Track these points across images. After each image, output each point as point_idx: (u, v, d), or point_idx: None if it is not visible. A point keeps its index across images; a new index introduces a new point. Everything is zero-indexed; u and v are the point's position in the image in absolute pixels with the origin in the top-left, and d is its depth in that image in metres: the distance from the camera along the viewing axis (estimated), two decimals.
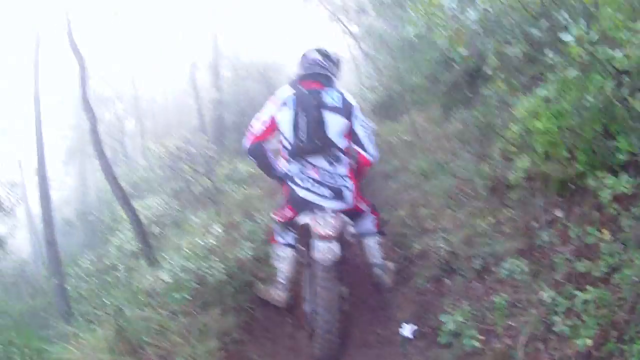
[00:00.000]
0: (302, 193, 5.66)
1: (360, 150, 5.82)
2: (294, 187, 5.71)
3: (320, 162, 5.63)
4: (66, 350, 5.09)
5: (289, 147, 5.65)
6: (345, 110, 5.70)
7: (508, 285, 4.88)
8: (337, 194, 5.66)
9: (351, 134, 5.79)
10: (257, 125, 5.82)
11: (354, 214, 5.85)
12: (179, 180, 10.96)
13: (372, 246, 6.13)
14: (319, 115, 5.55)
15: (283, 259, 5.99)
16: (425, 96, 9.27)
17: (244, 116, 15.61)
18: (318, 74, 5.85)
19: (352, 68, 14.43)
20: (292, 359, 5.76)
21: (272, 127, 5.76)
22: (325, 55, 5.98)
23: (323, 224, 5.25)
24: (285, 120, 5.64)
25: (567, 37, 3.59)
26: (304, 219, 5.46)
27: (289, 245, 6.01)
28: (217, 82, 16.88)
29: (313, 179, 5.63)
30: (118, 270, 6.56)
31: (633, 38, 3.28)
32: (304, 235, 5.47)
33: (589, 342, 3.53)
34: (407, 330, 5.55)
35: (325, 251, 5.15)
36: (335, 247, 5.18)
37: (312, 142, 5.52)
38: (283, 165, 5.91)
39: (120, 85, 25.92)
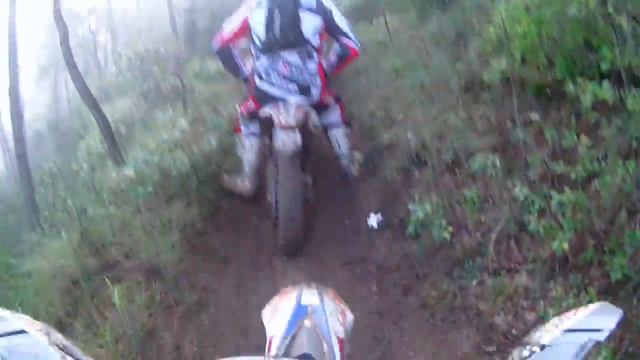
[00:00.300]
0: (267, 87, 5.63)
1: (347, 40, 5.75)
2: (259, 81, 5.65)
3: (293, 57, 5.56)
4: (32, 260, 5.07)
5: (260, 43, 5.55)
6: (321, 10, 5.59)
7: (479, 180, 4.89)
8: (304, 90, 5.63)
9: (334, 28, 5.70)
10: (227, 27, 5.75)
11: (319, 107, 5.80)
12: (149, 81, 10.73)
13: (338, 137, 6.10)
14: (294, 12, 5.46)
15: (248, 148, 5.96)
16: (402, 2, 9.10)
17: (216, 19, 15.26)
18: None
19: None
20: (256, 248, 5.81)
21: (243, 29, 5.66)
22: None
23: (285, 114, 5.24)
24: (259, 19, 5.52)
25: None
26: (266, 110, 5.41)
27: (253, 134, 5.97)
28: None
29: (281, 74, 5.58)
30: (84, 172, 6.42)
31: None
32: (267, 126, 5.43)
33: (565, 245, 3.55)
34: (373, 220, 5.61)
35: (286, 141, 5.16)
36: (296, 136, 5.19)
37: (286, 37, 5.46)
38: (250, 64, 5.85)
39: (93, 1, 25.33)
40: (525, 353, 1.33)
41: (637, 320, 3.14)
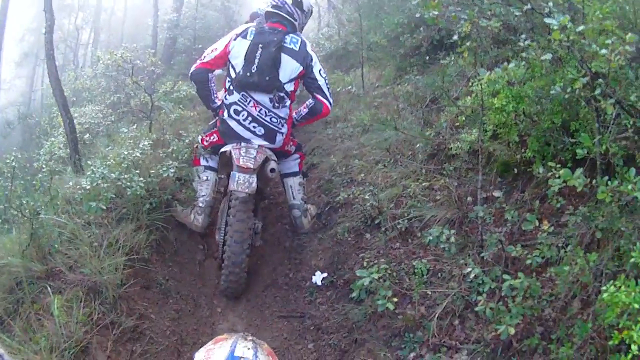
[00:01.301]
0: (234, 125, 5.60)
1: (322, 98, 5.77)
2: (227, 116, 5.62)
3: (265, 99, 5.56)
4: None
5: (235, 76, 5.52)
6: (302, 57, 5.60)
7: (431, 253, 4.86)
8: (270, 135, 5.64)
9: (310, 82, 5.74)
10: (209, 53, 5.72)
11: (279, 153, 5.80)
12: (120, 92, 10.70)
13: (294, 186, 6.09)
14: (277, 53, 5.47)
15: (204, 182, 5.92)
16: (383, 55, 9.13)
17: (197, 41, 15.65)
18: (284, 17, 5.72)
19: (314, 15, 14.23)
20: (198, 286, 5.73)
21: (224, 57, 5.63)
22: (297, 2, 5.78)
23: (244, 156, 5.23)
24: (240, 50, 5.52)
25: (551, 21, 3.52)
26: (227, 148, 5.39)
27: (211, 168, 5.94)
28: (178, 6, 16.49)
29: (250, 115, 5.56)
30: (43, 173, 6.27)
31: (619, 46, 3.24)
32: (225, 165, 5.41)
33: (512, 330, 3.46)
34: (318, 277, 5.54)
35: (241, 183, 5.14)
36: (252, 180, 5.18)
37: (262, 78, 5.45)
38: (221, 95, 5.83)
39: None
40: None
41: None
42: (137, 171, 5.52)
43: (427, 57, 7.66)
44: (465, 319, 4.21)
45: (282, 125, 5.69)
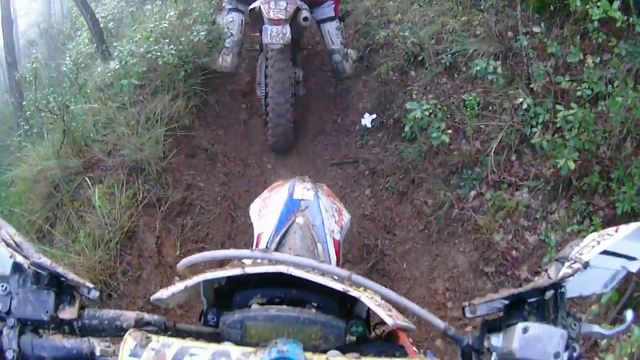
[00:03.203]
0: None
1: None
2: None
3: None
4: (16, 167, 4.95)
5: None
6: None
7: (480, 86, 4.79)
8: None
9: None
10: None
11: (312, 2, 5.62)
12: None
13: (331, 31, 5.93)
14: None
15: (229, 23, 5.79)
16: None
17: None
18: None
19: None
20: (244, 145, 5.73)
21: None
22: None
23: (274, 8, 5.06)
24: None
25: None
26: (256, 3, 5.20)
27: (236, 9, 5.81)
28: None
29: None
30: (69, 69, 6.16)
31: None
32: (257, 21, 5.25)
33: (572, 165, 3.47)
34: (367, 119, 5.53)
35: (275, 35, 5.04)
36: (286, 31, 5.06)
37: None
38: None
39: None
40: (567, 270, 1.21)
41: None
42: (167, 41, 5.41)
43: None
44: (522, 154, 4.20)
45: None
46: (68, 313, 1.20)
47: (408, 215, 4.68)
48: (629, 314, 1.20)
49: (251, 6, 5.23)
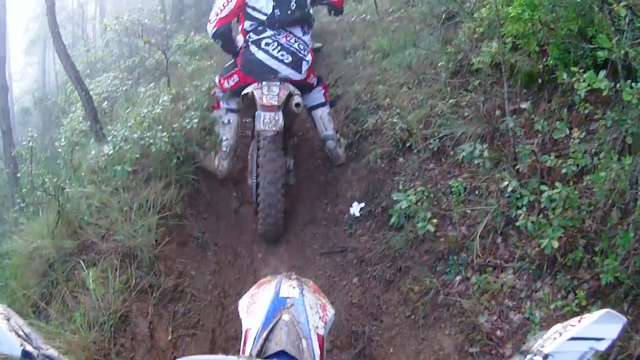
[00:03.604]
0: (263, 57, 5.51)
1: None
2: (254, 51, 5.54)
3: (297, 30, 5.61)
4: (11, 240, 4.89)
5: (267, 17, 5.51)
6: None
7: (466, 170, 4.72)
8: (297, 64, 5.56)
9: None
10: (221, 9, 5.62)
11: (303, 88, 5.68)
12: (134, 55, 10.58)
13: (324, 117, 5.97)
14: None
15: (226, 125, 5.84)
16: None
17: None
18: None
19: None
20: (235, 235, 5.67)
21: (241, 6, 5.56)
22: None
23: (267, 94, 5.13)
24: None
25: None
26: (248, 89, 5.28)
27: (233, 110, 5.87)
28: None
29: (279, 44, 5.52)
30: (62, 147, 6.23)
31: None
32: (249, 107, 5.33)
33: (555, 244, 3.37)
34: (356, 208, 5.45)
35: (268, 122, 5.05)
36: (278, 117, 5.08)
37: (302, 12, 5.58)
38: (240, 39, 5.84)
39: None
40: None
41: (627, 327, 3.00)
42: (160, 127, 5.41)
43: None
44: (508, 236, 4.12)
45: (307, 53, 5.67)
46: None
47: (395, 302, 4.53)
48: None
49: (244, 91, 5.26)
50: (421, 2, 7.26)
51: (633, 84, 3.05)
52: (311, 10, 5.75)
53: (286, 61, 5.52)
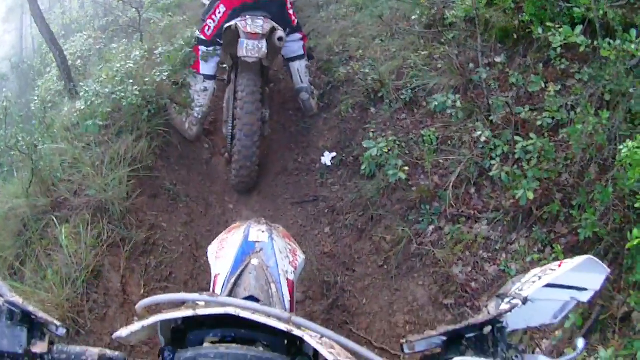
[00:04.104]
0: None
1: None
2: None
3: None
4: None
5: None
6: None
7: (439, 120, 4.68)
8: None
9: None
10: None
11: (284, 21, 5.51)
12: (108, 15, 10.42)
13: (301, 69, 5.85)
14: None
15: (202, 92, 5.69)
16: None
17: None
18: None
19: None
20: (207, 186, 5.61)
21: None
22: None
23: (251, 24, 5.00)
24: None
25: None
26: (231, 22, 5.13)
27: (211, 77, 5.71)
28: None
29: None
30: (37, 108, 6.12)
31: None
32: (230, 42, 5.16)
33: (530, 195, 3.34)
34: (327, 158, 5.39)
35: (251, 49, 4.95)
36: (262, 45, 4.97)
37: None
38: None
39: None
40: (505, 307, 1.22)
41: (608, 286, 2.99)
42: (131, 81, 5.31)
43: None
44: (482, 187, 4.08)
45: None
46: (39, 347, 1.25)
47: (367, 252, 4.51)
48: (580, 342, 1.18)
49: (227, 25, 5.15)
50: None
51: (611, 42, 2.99)
52: None
53: None
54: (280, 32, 5.15)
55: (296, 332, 1.28)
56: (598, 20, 3.39)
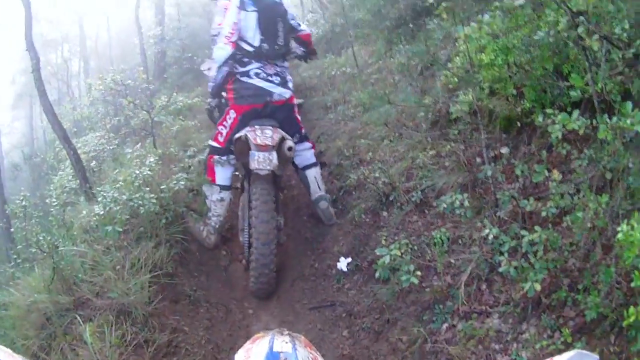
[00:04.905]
0: (255, 81, 5.61)
1: (301, 32, 6.16)
2: (246, 79, 5.62)
3: (279, 61, 5.78)
4: (8, 293, 4.86)
5: (254, 49, 5.62)
6: (285, 12, 5.86)
7: (449, 220, 4.68)
8: (283, 82, 5.72)
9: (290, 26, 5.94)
10: (232, 32, 5.59)
11: (291, 124, 5.76)
12: (119, 114, 10.69)
13: (317, 177, 5.94)
14: (286, 21, 5.81)
15: (219, 202, 5.76)
16: (369, 31, 8.84)
17: (186, 51, 15.10)
18: None
19: (296, 3, 13.95)
20: (226, 292, 5.60)
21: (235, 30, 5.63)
22: None
23: (261, 135, 5.13)
24: (248, 22, 5.61)
25: None
26: (241, 133, 5.26)
27: (227, 188, 5.79)
28: (160, 19, 16.09)
29: (267, 73, 5.66)
30: (54, 207, 6.25)
31: None
32: (241, 152, 5.27)
33: (538, 286, 3.30)
34: (343, 263, 5.37)
35: (262, 161, 5.04)
36: (272, 157, 5.07)
37: (286, 48, 5.85)
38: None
39: (67, 27, 24.82)
40: None
41: (614, 357, 2.93)
42: (148, 188, 5.44)
43: (412, 25, 7.34)
44: (492, 282, 4.04)
45: (288, 73, 5.91)
46: None
47: (384, 353, 4.41)
48: None
49: (237, 135, 5.26)
50: (398, 52, 7.32)
51: (608, 121, 3.00)
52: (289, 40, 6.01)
53: (276, 82, 5.66)
54: (289, 142, 5.25)
55: None
56: (597, 96, 3.41)
